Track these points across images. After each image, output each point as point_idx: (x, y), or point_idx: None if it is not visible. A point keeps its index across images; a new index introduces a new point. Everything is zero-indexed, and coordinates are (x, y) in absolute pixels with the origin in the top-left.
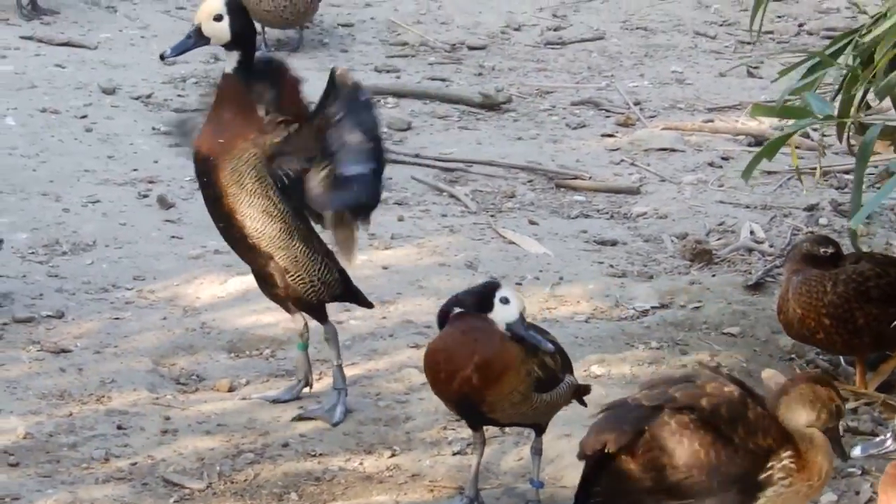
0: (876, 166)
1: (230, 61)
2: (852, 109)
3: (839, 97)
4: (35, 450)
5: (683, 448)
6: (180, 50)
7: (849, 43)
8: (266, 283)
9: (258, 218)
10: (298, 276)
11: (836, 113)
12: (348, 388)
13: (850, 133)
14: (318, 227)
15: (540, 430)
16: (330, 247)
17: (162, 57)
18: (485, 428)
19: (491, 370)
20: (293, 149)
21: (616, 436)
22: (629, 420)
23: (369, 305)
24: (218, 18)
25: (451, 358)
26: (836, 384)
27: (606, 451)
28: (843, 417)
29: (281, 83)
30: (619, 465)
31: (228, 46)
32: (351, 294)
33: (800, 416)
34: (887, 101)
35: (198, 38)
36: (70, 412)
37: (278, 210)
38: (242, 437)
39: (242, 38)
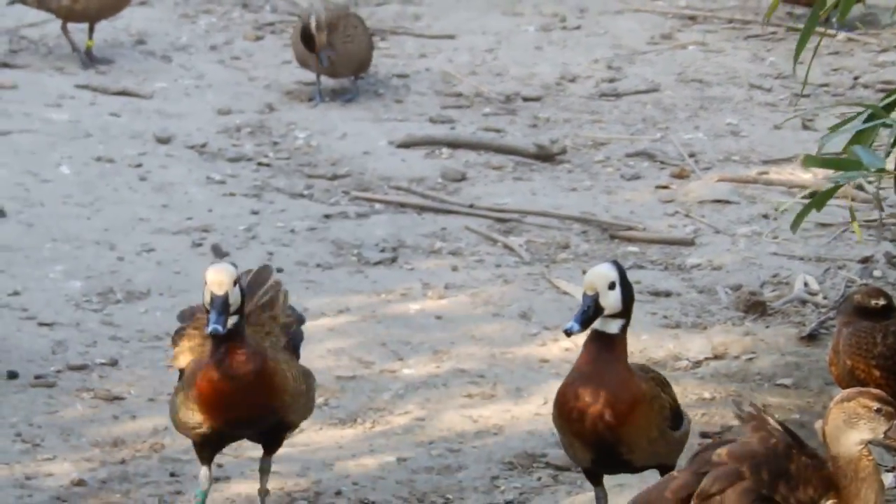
0: None
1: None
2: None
3: (894, 149)
4: (88, 496)
5: None
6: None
7: None
8: None
9: None
10: None
11: (887, 166)
12: (399, 436)
13: None
14: None
15: (667, 471)
16: None
17: (568, 333)
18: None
19: (622, 404)
20: None
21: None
22: (671, 490)
23: None
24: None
25: (579, 395)
26: (866, 390)
27: None
28: (893, 416)
29: None
30: None
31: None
32: None
33: (848, 440)
34: None
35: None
36: (123, 459)
37: None
38: (295, 485)
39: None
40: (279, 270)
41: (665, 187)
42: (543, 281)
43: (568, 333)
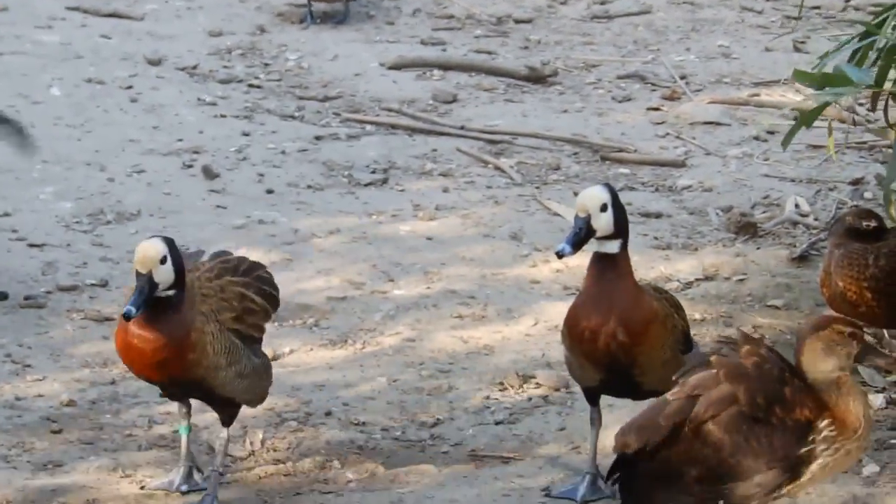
0: None
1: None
2: (888, 83)
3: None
4: (78, 417)
5: (722, 437)
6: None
7: (892, 14)
8: None
9: None
10: None
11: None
12: (390, 357)
13: (888, 105)
14: None
15: None
16: None
17: (559, 255)
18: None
19: (635, 322)
20: None
21: (650, 435)
22: (665, 415)
23: None
24: (604, 208)
25: (590, 315)
26: (836, 317)
27: (643, 449)
28: (864, 339)
29: None
30: (658, 459)
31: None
32: None
33: (825, 368)
34: None
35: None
36: (113, 379)
37: None
38: (285, 405)
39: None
40: (269, 192)
41: (656, 109)
42: (534, 202)
43: (560, 255)
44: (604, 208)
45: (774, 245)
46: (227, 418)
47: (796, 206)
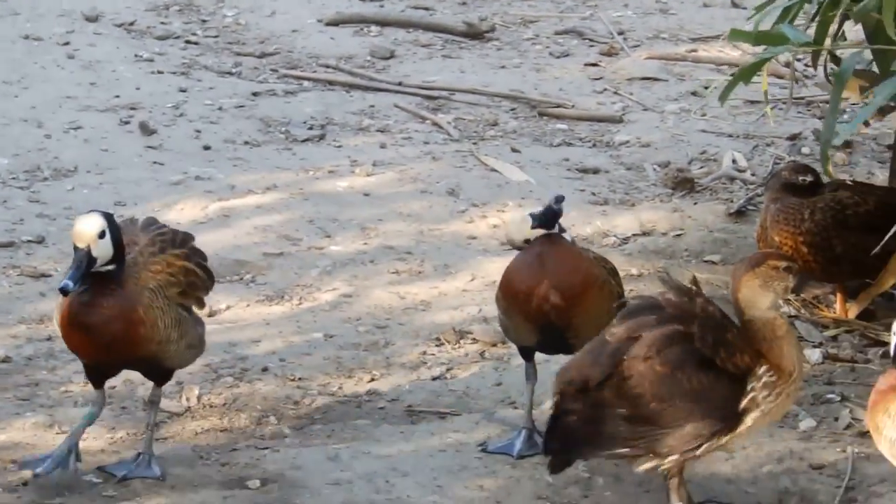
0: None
1: None
2: (827, 39)
3: (816, 21)
4: (14, 373)
5: (659, 375)
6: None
7: None
8: None
9: None
10: None
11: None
12: (327, 312)
13: (827, 62)
14: None
15: None
16: None
17: (63, 291)
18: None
19: (570, 286)
20: None
21: (593, 372)
22: (606, 354)
23: None
24: (102, 235)
25: (526, 278)
26: (771, 252)
27: (582, 387)
28: (798, 271)
29: None
30: (595, 398)
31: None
32: None
33: (763, 304)
34: (861, 33)
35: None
36: (49, 336)
37: None
38: (221, 361)
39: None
40: (206, 148)
41: (594, 65)
42: (472, 158)
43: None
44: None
45: (711, 200)
46: (166, 380)
47: (733, 161)
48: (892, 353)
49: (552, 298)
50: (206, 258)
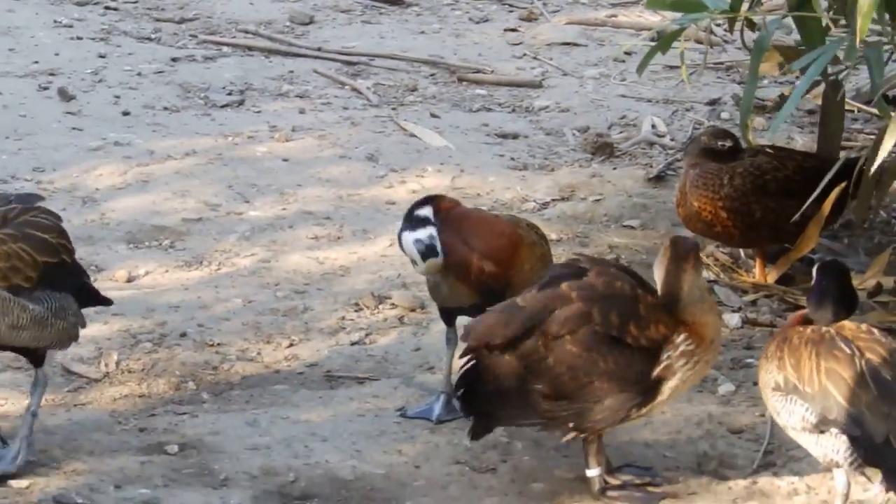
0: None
1: None
2: (745, 5)
3: None
4: None
5: (574, 355)
6: None
7: None
8: None
9: None
10: None
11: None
12: (245, 278)
13: (744, 29)
14: None
15: None
16: None
17: None
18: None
19: (500, 250)
20: None
21: (503, 331)
22: (519, 319)
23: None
24: None
25: (458, 255)
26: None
27: (492, 344)
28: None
29: None
30: (506, 367)
31: None
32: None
33: (698, 289)
34: None
35: None
36: None
37: None
38: (140, 327)
39: None
40: (126, 114)
41: (513, 30)
42: (391, 123)
43: None
44: None
45: (631, 165)
46: (35, 360)
47: (653, 126)
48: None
49: (487, 268)
50: (52, 227)
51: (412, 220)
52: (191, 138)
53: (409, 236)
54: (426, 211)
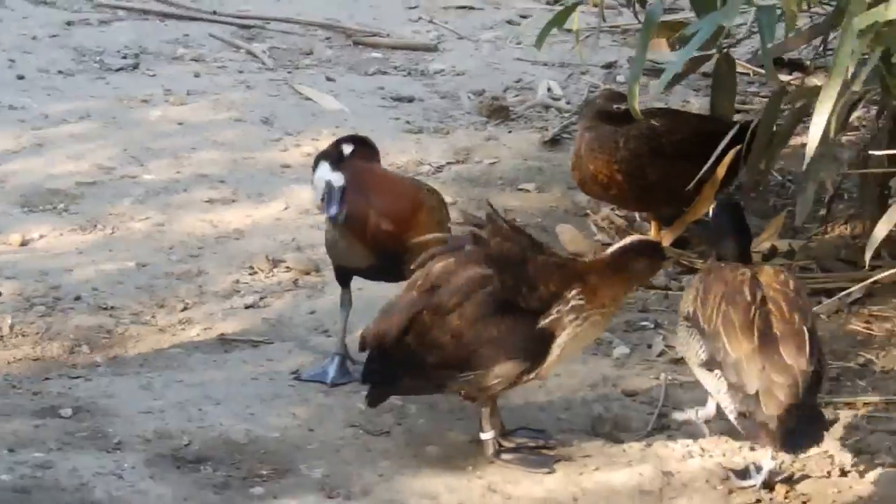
0: None
1: None
2: None
3: None
4: None
5: (461, 325)
6: None
7: None
8: None
9: None
10: None
11: None
12: (139, 241)
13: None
14: None
15: None
16: None
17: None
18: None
19: (399, 211)
20: None
21: (387, 331)
22: (401, 309)
23: None
24: None
25: (356, 210)
26: None
27: (387, 340)
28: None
29: None
30: (402, 347)
31: None
32: None
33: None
34: None
35: None
36: None
37: None
38: (34, 290)
39: None
40: (20, 78)
41: None
42: (286, 87)
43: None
44: None
45: (526, 128)
46: None
47: (548, 89)
48: None
49: (384, 226)
50: None
51: (337, 156)
52: (85, 102)
53: (325, 171)
54: (349, 149)
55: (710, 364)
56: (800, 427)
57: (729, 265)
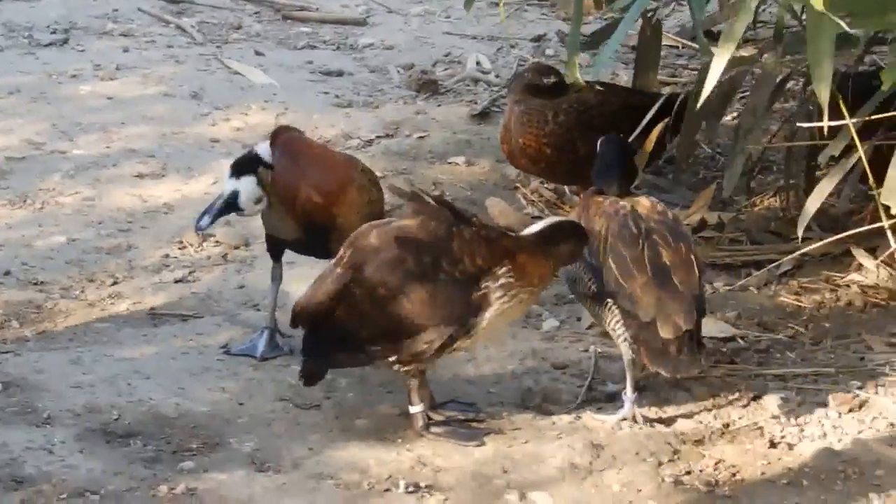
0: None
1: None
2: None
3: None
4: None
5: (388, 299)
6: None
7: None
8: None
9: None
10: None
11: None
12: (69, 216)
13: None
14: None
15: None
16: None
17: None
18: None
19: (328, 184)
20: None
21: (315, 308)
22: (332, 281)
23: None
24: None
25: (286, 180)
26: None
27: (318, 314)
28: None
29: None
30: (332, 321)
31: None
32: None
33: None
34: None
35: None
36: None
37: None
38: None
39: None
40: None
41: None
42: (215, 61)
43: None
44: None
45: (455, 102)
46: None
47: (477, 63)
48: None
49: (313, 198)
50: None
51: (242, 165)
52: (14, 77)
53: (229, 182)
54: (262, 149)
55: (601, 295)
56: (690, 350)
57: (606, 198)
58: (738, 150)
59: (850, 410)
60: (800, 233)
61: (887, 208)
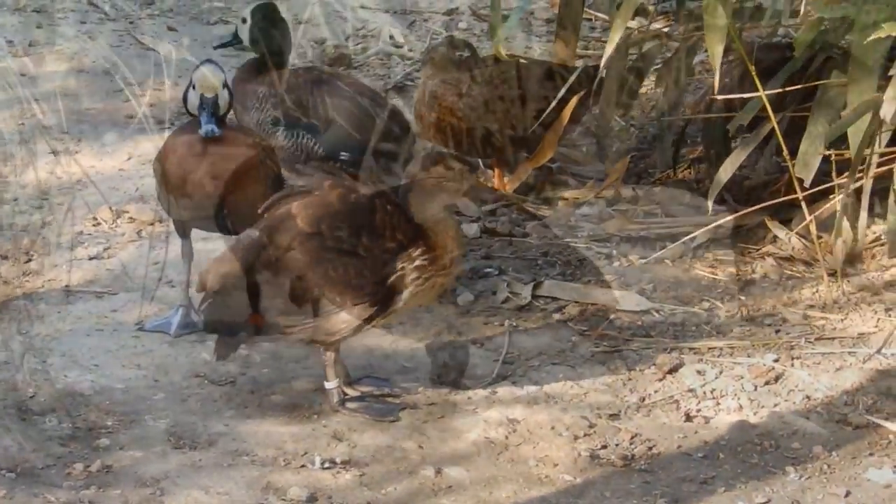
0: None
1: None
2: None
3: None
4: None
5: (302, 271)
6: None
7: None
8: None
9: None
10: None
11: None
12: None
13: None
14: None
15: None
16: None
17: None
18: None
19: (223, 172)
20: None
21: (228, 273)
22: (246, 249)
23: None
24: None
25: (183, 160)
26: (446, 153)
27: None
28: (472, 173)
29: None
30: (242, 293)
31: None
32: None
33: (434, 207)
34: None
35: None
36: None
37: None
38: None
39: None
40: None
41: None
42: (128, 37)
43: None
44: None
45: (369, 76)
46: None
47: (391, 37)
48: None
49: (206, 186)
50: None
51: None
52: None
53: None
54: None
55: None
56: None
57: None
58: (663, 125)
59: (766, 383)
60: (710, 203)
61: (801, 180)
